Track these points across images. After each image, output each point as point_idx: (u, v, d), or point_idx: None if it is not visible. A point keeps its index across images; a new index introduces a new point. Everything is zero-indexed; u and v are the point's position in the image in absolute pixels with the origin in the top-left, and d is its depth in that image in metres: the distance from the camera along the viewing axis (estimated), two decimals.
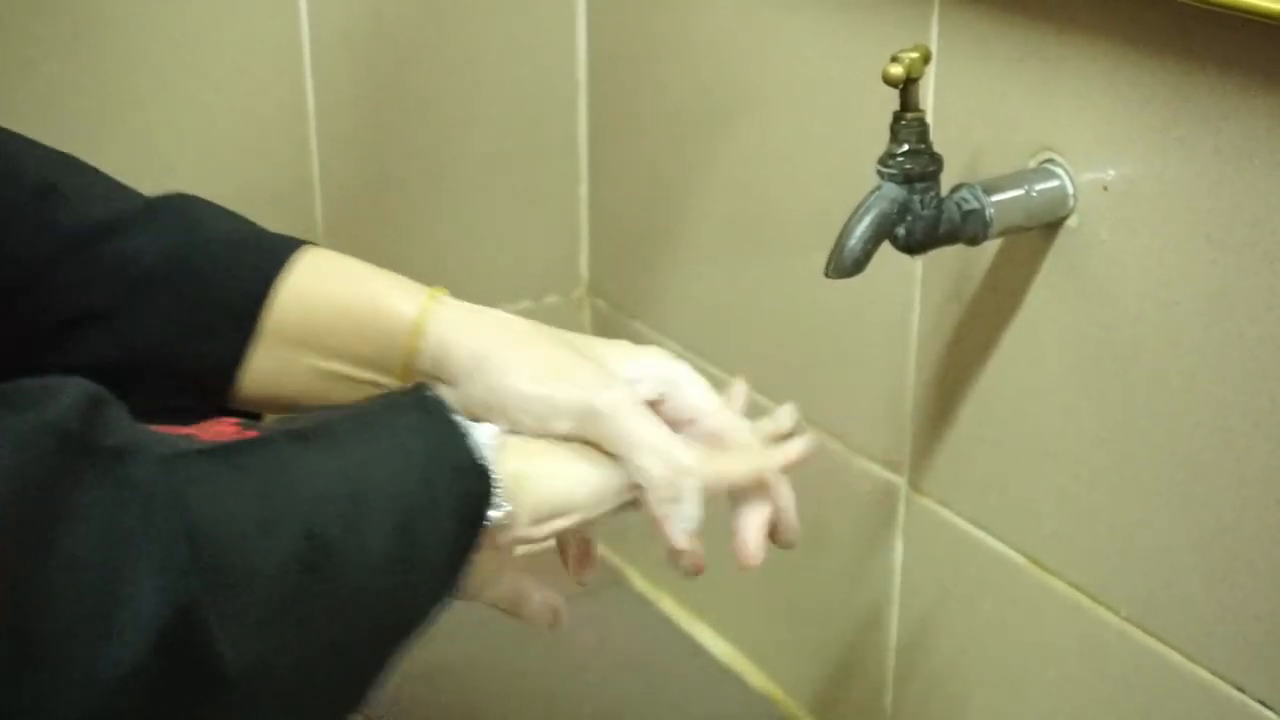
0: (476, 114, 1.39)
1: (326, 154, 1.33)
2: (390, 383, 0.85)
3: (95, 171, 0.91)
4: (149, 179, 1.26)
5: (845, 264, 0.89)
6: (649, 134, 1.35)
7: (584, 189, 1.45)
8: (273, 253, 0.87)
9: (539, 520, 0.78)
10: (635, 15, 1.34)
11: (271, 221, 1.33)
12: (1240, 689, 0.91)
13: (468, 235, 1.42)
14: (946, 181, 0.94)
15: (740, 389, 0.90)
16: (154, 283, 0.85)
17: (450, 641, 1.38)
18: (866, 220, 0.89)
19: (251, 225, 0.91)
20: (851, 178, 0.95)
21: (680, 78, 1.29)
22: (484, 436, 0.75)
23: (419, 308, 0.85)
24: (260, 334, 0.86)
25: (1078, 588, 1.01)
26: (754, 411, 0.90)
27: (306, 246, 0.89)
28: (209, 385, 0.86)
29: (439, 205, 1.40)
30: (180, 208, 0.89)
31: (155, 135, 1.26)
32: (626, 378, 0.83)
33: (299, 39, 1.29)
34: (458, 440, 0.75)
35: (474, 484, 0.74)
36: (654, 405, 0.83)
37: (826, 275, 0.89)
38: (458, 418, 0.76)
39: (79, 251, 0.85)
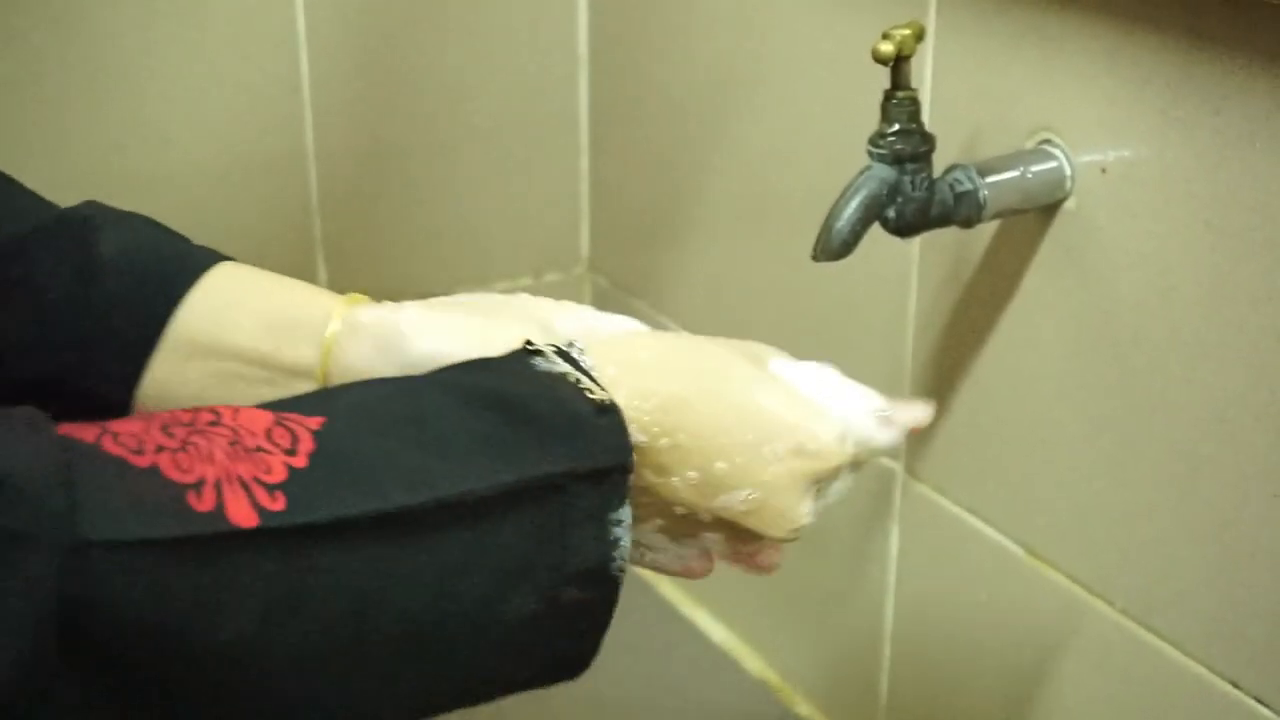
0: (476, 88, 1.37)
1: (321, 126, 1.31)
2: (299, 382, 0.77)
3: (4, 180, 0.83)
4: (143, 152, 1.26)
5: (833, 246, 0.87)
6: (650, 110, 1.34)
7: (584, 165, 1.44)
8: (174, 276, 0.79)
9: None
10: None
11: (266, 194, 1.33)
12: (1236, 685, 0.90)
13: (466, 211, 1.41)
14: (944, 161, 0.92)
15: None
16: (50, 317, 0.77)
17: None
18: (855, 202, 0.87)
19: (156, 236, 0.82)
20: (851, 157, 0.93)
21: (681, 53, 1.27)
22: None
23: (332, 310, 0.78)
24: (158, 352, 0.77)
25: (1074, 579, 0.99)
26: None
27: (217, 265, 0.80)
28: (105, 407, 0.77)
29: (437, 180, 1.39)
30: (77, 227, 0.80)
31: (148, 107, 1.25)
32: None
33: (293, 8, 1.27)
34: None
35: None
36: None
37: (814, 258, 0.87)
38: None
39: None
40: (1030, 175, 0.91)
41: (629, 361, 0.71)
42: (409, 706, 0.66)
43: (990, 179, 0.90)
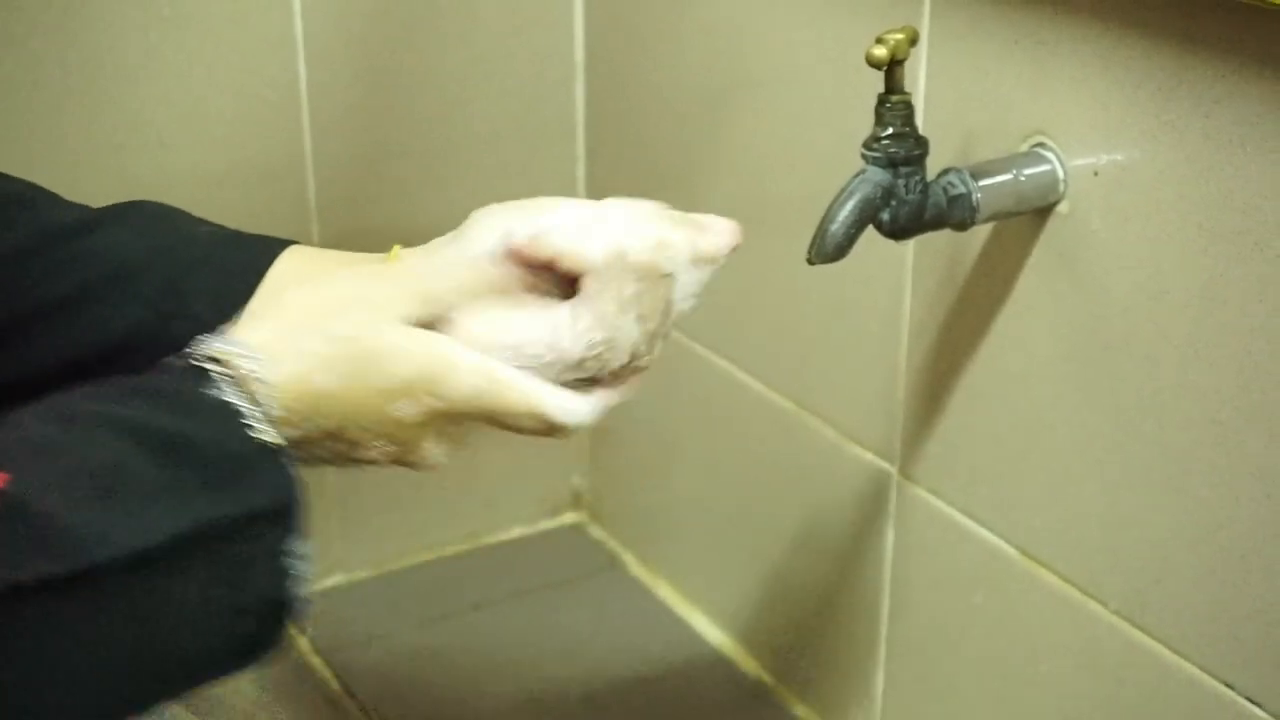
0: (473, 94, 1.38)
1: (319, 131, 1.32)
2: None
3: (40, 188, 0.88)
4: (142, 155, 1.27)
5: (827, 249, 0.87)
6: (646, 116, 1.34)
7: (581, 171, 1.44)
8: (258, 251, 0.84)
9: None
10: None
11: (264, 198, 1.33)
12: (1228, 685, 0.90)
13: (462, 216, 1.40)
14: (938, 164, 0.93)
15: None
16: (136, 271, 0.82)
17: (442, 624, 1.39)
18: (849, 205, 0.88)
19: (226, 228, 0.88)
20: (847, 161, 0.93)
21: (677, 59, 1.28)
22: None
23: None
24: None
25: (1068, 580, 0.99)
26: (750, 401, 0.89)
27: (294, 246, 0.85)
28: None
29: (433, 185, 1.39)
30: (153, 209, 0.87)
31: (147, 111, 1.25)
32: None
33: (291, 14, 1.28)
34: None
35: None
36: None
37: (809, 261, 0.88)
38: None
39: (52, 247, 0.83)
40: (1023, 178, 0.92)
41: (291, 375, 0.73)
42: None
43: (983, 182, 0.91)
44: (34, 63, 1.20)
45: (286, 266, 0.83)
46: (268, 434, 0.70)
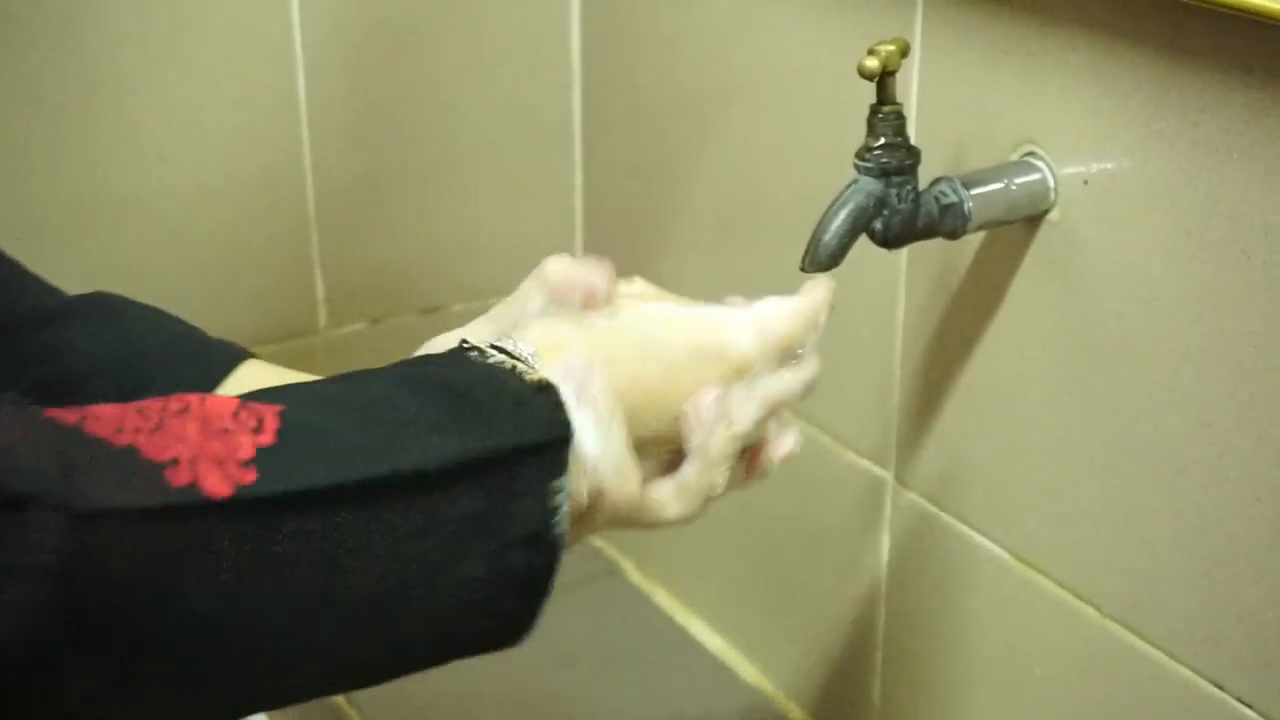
0: (470, 104, 1.38)
1: (318, 142, 1.32)
2: None
3: (14, 263, 0.88)
4: (140, 168, 1.27)
5: (821, 258, 0.88)
6: (644, 124, 1.35)
7: (579, 180, 1.45)
8: (212, 361, 0.85)
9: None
10: (629, 6, 1.33)
11: (264, 209, 1.34)
12: (1220, 686, 0.91)
13: (461, 225, 1.42)
14: (930, 173, 0.93)
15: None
16: (88, 375, 0.82)
17: None
18: (842, 214, 0.89)
19: (185, 328, 0.88)
20: (841, 170, 0.94)
21: (674, 70, 1.28)
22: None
23: None
24: None
25: (1061, 584, 1.00)
26: None
27: (249, 359, 0.87)
28: None
29: (432, 194, 1.40)
30: (110, 306, 0.87)
31: (146, 123, 1.26)
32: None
33: (290, 26, 1.28)
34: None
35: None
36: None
37: (802, 269, 0.89)
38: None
39: (8, 336, 0.83)
40: (1014, 187, 0.93)
41: (553, 343, 0.77)
42: (371, 667, 0.71)
43: (975, 191, 0.92)
44: (33, 75, 1.21)
45: (244, 378, 0.84)
46: (536, 375, 0.73)
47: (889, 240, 0.91)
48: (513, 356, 0.74)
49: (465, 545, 0.69)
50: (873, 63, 0.87)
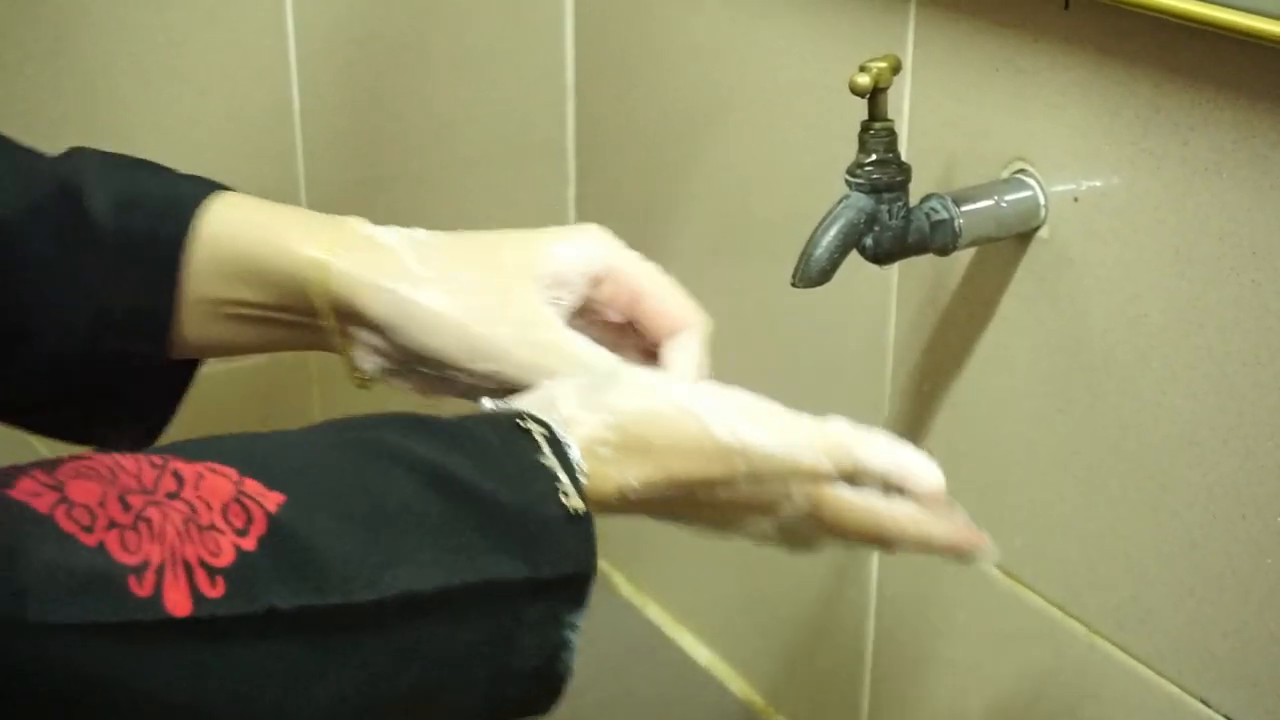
0: (464, 118, 1.39)
1: (312, 156, 1.33)
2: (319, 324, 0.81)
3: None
4: None
5: (811, 274, 0.89)
6: (637, 139, 1.35)
7: (571, 193, 1.45)
8: (176, 209, 0.82)
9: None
10: (623, 20, 1.34)
11: None
12: (1206, 703, 0.91)
13: None
14: (921, 190, 0.94)
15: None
16: (67, 294, 0.80)
17: None
18: (833, 230, 0.89)
19: (144, 173, 0.85)
20: (831, 186, 0.95)
21: (667, 84, 1.29)
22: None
23: (320, 258, 0.82)
24: (179, 316, 0.81)
25: (1048, 600, 1.01)
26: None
27: (214, 195, 0.84)
28: (150, 367, 0.81)
29: (425, 208, 1.39)
30: (71, 198, 0.81)
31: (140, 137, 1.26)
32: (554, 269, 0.83)
33: (284, 40, 1.29)
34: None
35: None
36: (593, 291, 0.82)
37: (793, 285, 0.89)
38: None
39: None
40: (1005, 204, 0.93)
41: (626, 444, 0.72)
42: None
43: (965, 208, 0.92)
44: (28, 90, 1.21)
45: (214, 223, 0.82)
46: (575, 502, 0.67)
47: (880, 256, 0.92)
48: (564, 457, 0.68)
49: (458, 680, 0.66)
50: (864, 79, 0.88)
